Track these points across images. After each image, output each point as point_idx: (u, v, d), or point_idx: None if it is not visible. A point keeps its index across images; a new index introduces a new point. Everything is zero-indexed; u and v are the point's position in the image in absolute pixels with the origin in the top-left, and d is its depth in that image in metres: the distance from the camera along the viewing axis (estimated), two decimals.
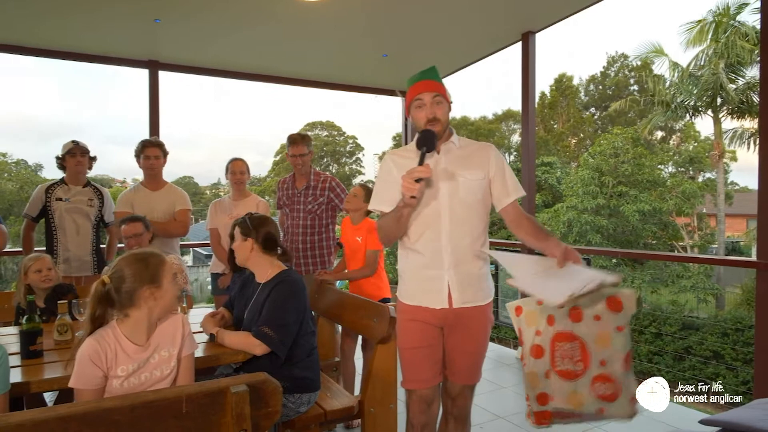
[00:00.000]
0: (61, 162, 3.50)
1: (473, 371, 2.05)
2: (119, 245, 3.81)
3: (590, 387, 1.67)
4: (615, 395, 1.66)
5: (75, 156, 3.46)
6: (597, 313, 1.70)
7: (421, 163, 1.75)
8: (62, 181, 3.53)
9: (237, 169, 3.68)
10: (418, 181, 1.71)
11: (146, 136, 4.30)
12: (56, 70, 78.16)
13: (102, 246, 3.69)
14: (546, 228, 2.01)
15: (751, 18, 15.74)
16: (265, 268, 2.30)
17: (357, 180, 35.07)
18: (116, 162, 66.69)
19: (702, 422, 1.66)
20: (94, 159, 3.60)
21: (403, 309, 2.05)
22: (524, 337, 1.79)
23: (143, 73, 4.84)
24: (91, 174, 3.70)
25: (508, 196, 2.01)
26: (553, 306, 1.66)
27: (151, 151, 3.56)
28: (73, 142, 3.50)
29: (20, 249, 3.67)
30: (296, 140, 3.45)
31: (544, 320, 1.74)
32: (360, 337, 3.28)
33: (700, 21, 16.31)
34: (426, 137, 1.82)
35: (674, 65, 16.99)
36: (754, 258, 3.07)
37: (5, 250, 3.75)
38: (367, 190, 3.13)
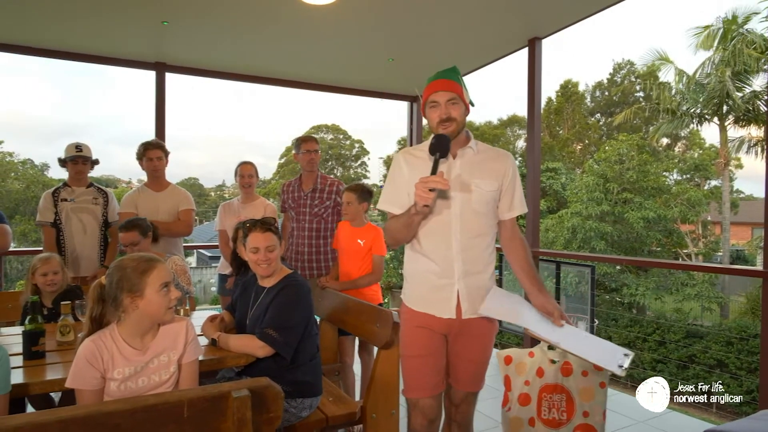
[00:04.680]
0: (64, 163, 3.51)
1: (477, 378, 2.01)
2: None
3: None
4: None
5: (77, 164, 3.47)
6: (585, 369, 1.89)
7: (434, 170, 1.69)
8: (65, 184, 3.53)
9: (245, 172, 3.71)
10: (432, 190, 1.64)
11: (152, 136, 4.32)
12: (62, 70, 78.73)
13: None
14: (537, 272, 2.01)
15: (759, 26, 15.71)
16: (275, 273, 2.30)
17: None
18: (122, 162, 67.22)
19: None
20: (96, 162, 3.60)
21: (409, 315, 1.98)
22: (513, 384, 1.98)
23: (150, 75, 4.87)
24: (96, 174, 3.70)
25: (511, 211, 1.97)
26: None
27: (153, 153, 3.57)
28: (76, 147, 3.47)
29: (26, 249, 3.68)
30: (308, 137, 3.52)
31: (534, 372, 1.94)
32: (357, 341, 3.24)
33: (707, 27, 16.26)
34: (439, 142, 1.75)
35: (680, 73, 16.95)
36: (759, 267, 3.05)
37: (10, 249, 3.76)
38: (359, 192, 3.08)
